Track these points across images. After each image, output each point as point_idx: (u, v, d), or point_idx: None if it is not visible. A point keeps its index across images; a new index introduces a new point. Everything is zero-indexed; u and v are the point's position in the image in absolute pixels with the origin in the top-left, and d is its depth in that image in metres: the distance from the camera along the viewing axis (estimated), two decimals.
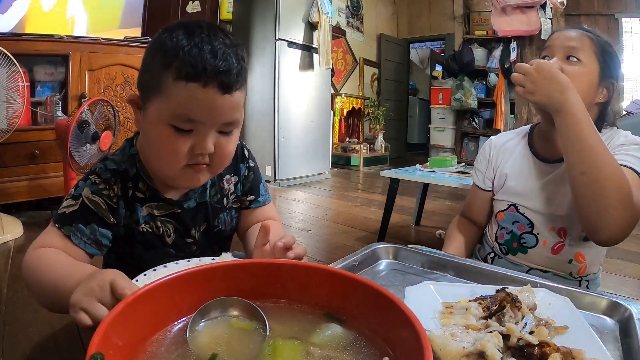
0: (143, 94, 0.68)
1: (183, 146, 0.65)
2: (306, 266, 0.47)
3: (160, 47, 0.64)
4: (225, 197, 0.84)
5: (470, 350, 0.44)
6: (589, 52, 0.90)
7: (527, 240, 1.01)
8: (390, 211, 2.37)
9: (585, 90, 0.88)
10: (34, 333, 1.22)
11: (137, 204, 0.76)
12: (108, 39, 2.93)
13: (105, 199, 0.72)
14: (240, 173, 0.86)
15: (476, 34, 5.65)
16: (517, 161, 1.03)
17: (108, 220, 0.72)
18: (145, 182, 0.76)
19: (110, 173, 0.74)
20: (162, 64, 0.63)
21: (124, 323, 0.36)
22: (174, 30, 0.64)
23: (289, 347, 0.39)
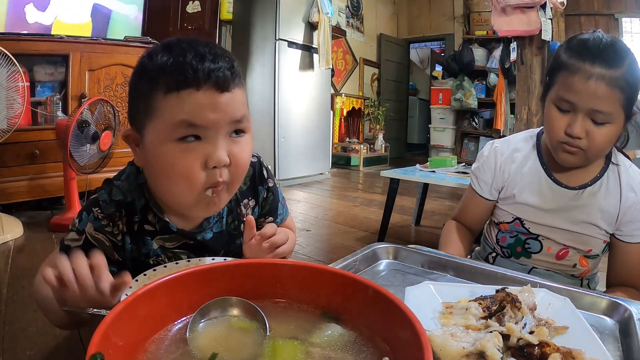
0: (137, 125, 0.63)
1: (194, 161, 0.59)
2: (306, 266, 0.47)
3: (143, 70, 0.61)
4: (242, 222, 0.76)
5: (470, 350, 0.44)
6: (616, 107, 0.80)
7: (531, 245, 0.99)
8: (391, 211, 2.37)
9: (610, 145, 0.86)
10: (34, 333, 1.22)
11: (147, 238, 0.70)
12: (108, 39, 2.93)
13: (108, 236, 0.68)
14: (259, 196, 0.80)
15: (476, 34, 5.65)
16: (529, 180, 0.97)
17: (112, 257, 0.68)
18: (155, 214, 0.70)
19: (115, 206, 0.68)
20: (149, 85, 0.59)
21: (124, 323, 0.36)
22: (153, 52, 0.61)
23: (289, 347, 0.39)
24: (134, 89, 0.63)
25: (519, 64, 3.63)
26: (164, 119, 0.58)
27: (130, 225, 0.69)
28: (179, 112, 0.58)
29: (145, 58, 0.61)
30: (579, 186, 0.92)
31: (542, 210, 0.95)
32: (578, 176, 0.93)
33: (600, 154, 0.87)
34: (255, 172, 0.78)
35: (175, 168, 0.60)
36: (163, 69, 0.58)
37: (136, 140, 0.64)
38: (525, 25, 3.67)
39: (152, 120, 0.60)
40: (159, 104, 0.58)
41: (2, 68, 1.97)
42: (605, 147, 0.85)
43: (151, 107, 0.59)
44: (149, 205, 0.70)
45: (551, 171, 0.95)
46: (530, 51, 3.54)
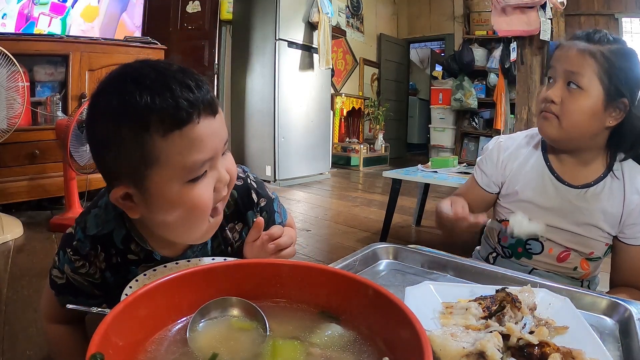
0: (131, 178, 0.56)
1: (209, 192, 0.57)
2: (306, 266, 0.47)
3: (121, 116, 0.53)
4: (230, 246, 0.74)
5: (470, 350, 0.44)
6: (590, 76, 0.83)
7: (532, 246, 0.98)
8: (392, 212, 2.37)
9: (586, 120, 0.84)
10: (34, 333, 1.22)
11: (132, 267, 0.68)
12: (108, 39, 2.93)
13: (84, 278, 0.66)
14: (249, 220, 0.75)
15: (476, 34, 5.65)
16: (532, 177, 0.97)
17: (94, 293, 0.68)
18: (137, 243, 0.67)
19: (90, 243, 0.65)
20: (138, 131, 0.52)
21: (124, 323, 0.36)
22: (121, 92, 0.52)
23: (289, 347, 0.39)
24: (112, 141, 0.54)
25: (519, 64, 3.63)
26: (170, 163, 0.53)
27: (110, 258, 0.66)
28: (189, 153, 0.53)
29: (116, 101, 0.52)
30: (581, 185, 0.91)
31: (544, 208, 0.94)
32: (581, 175, 0.92)
33: (573, 125, 0.85)
34: (241, 196, 0.73)
35: (194, 207, 0.57)
36: (152, 109, 0.51)
37: (129, 196, 0.57)
38: (525, 25, 3.66)
39: (155, 167, 0.54)
40: (160, 148, 0.52)
41: (2, 68, 1.97)
42: (578, 119, 0.84)
43: (150, 155, 0.53)
44: (131, 234, 0.66)
45: (555, 169, 0.94)
46: (530, 51, 3.54)
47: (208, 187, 0.57)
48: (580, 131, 0.86)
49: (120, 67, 0.56)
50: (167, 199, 0.56)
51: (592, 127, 0.85)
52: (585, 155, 0.92)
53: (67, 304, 0.64)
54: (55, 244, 2.01)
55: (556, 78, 0.87)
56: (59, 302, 0.69)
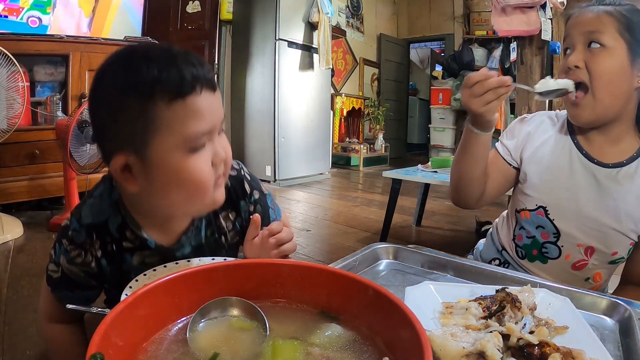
0: (133, 146, 0.57)
1: (207, 165, 0.59)
2: (306, 266, 0.47)
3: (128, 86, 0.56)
4: (224, 235, 0.76)
5: (470, 350, 0.44)
6: (611, 33, 0.77)
7: (549, 250, 0.91)
8: (393, 212, 2.37)
9: (615, 79, 0.78)
10: (34, 333, 1.22)
11: (127, 254, 0.68)
12: (108, 39, 2.93)
13: (80, 267, 0.67)
14: (241, 210, 0.76)
15: (476, 34, 5.65)
16: (557, 156, 0.89)
17: (90, 284, 0.69)
18: (132, 231, 0.67)
19: (85, 232, 0.66)
20: (143, 99, 0.55)
21: (124, 323, 0.36)
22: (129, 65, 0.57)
23: (289, 347, 0.39)
24: (117, 110, 0.56)
25: (519, 64, 3.64)
26: (173, 129, 0.56)
27: (105, 246, 0.67)
28: (190, 122, 0.56)
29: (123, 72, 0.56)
30: (613, 164, 0.84)
31: (570, 191, 0.87)
32: (612, 153, 0.84)
33: (604, 84, 0.78)
34: (234, 185, 0.75)
35: (193, 177, 0.58)
36: (159, 79, 0.55)
37: (128, 166, 0.58)
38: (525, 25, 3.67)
39: (158, 134, 0.56)
40: (164, 115, 0.55)
41: (2, 68, 1.97)
42: (608, 79, 0.78)
43: (154, 122, 0.55)
44: (126, 222, 0.67)
45: (583, 146, 0.87)
46: (530, 51, 3.54)
47: (207, 160, 0.59)
48: (613, 95, 0.79)
49: (126, 46, 0.59)
50: (167, 168, 0.58)
51: (623, 89, 0.79)
52: (615, 130, 0.84)
53: (63, 299, 0.67)
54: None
55: (574, 44, 0.81)
56: (56, 298, 0.69)
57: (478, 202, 0.95)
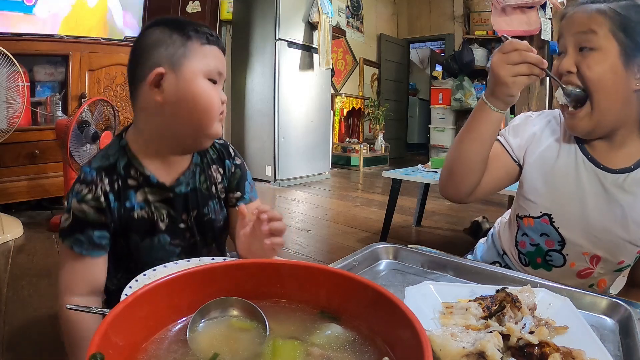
0: (168, 63, 0.76)
1: (217, 95, 0.78)
2: (306, 266, 0.47)
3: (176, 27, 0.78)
4: (214, 184, 0.89)
5: (470, 350, 0.44)
6: (604, 34, 0.73)
7: (553, 258, 0.88)
8: (393, 212, 2.37)
9: (608, 83, 0.74)
10: (34, 333, 1.22)
11: (131, 191, 0.79)
12: (108, 39, 2.93)
13: (90, 203, 0.76)
14: (226, 168, 0.91)
15: (476, 34, 5.65)
16: (562, 162, 0.85)
17: (100, 221, 0.76)
18: (137, 169, 0.80)
19: (95, 172, 0.77)
20: (185, 37, 0.77)
21: (124, 323, 0.36)
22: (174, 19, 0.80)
23: (289, 347, 0.39)
24: (165, 36, 0.77)
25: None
26: (201, 60, 0.77)
27: (113, 183, 0.78)
28: (213, 60, 0.79)
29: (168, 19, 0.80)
30: (619, 169, 0.79)
31: (576, 199, 0.83)
32: (617, 158, 0.80)
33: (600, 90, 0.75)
34: (221, 148, 0.92)
35: (207, 97, 0.77)
36: (196, 30, 0.78)
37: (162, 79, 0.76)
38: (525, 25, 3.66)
39: (191, 59, 0.76)
40: (198, 50, 0.77)
41: (2, 68, 1.97)
42: (603, 80, 0.74)
43: (191, 50, 0.77)
44: (131, 162, 0.80)
45: (588, 151, 0.83)
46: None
47: (216, 91, 0.78)
48: (608, 99, 0.75)
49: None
50: (191, 83, 0.76)
51: (618, 92, 0.74)
52: (618, 135, 0.80)
53: (75, 245, 0.75)
54: (55, 244, 2.01)
55: (566, 47, 0.78)
56: (68, 246, 0.76)
57: (470, 195, 0.89)
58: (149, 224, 0.81)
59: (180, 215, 0.84)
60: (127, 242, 0.81)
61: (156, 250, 0.82)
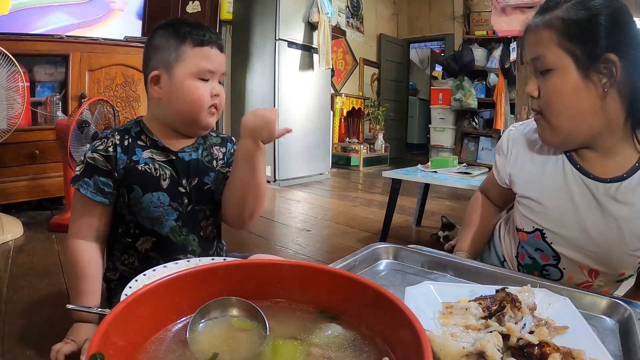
0: (165, 67, 0.91)
1: (206, 91, 0.91)
2: (306, 266, 0.47)
3: (170, 29, 0.91)
4: (215, 160, 1.02)
5: (470, 350, 0.44)
6: (553, 51, 0.70)
7: (550, 272, 0.85)
8: (392, 212, 2.37)
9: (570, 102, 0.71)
10: (34, 333, 1.22)
11: (138, 149, 0.93)
12: (108, 39, 2.93)
13: (101, 153, 0.90)
14: (227, 148, 1.06)
15: (476, 34, 5.65)
16: (548, 172, 0.81)
17: (106, 168, 0.90)
18: (147, 135, 0.95)
19: (110, 132, 0.93)
20: (179, 41, 0.90)
21: (124, 323, 0.36)
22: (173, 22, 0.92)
23: (289, 347, 0.39)
24: (163, 42, 0.91)
25: (519, 64, 3.63)
26: (191, 63, 0.90)
27: (123, 140, 0.92)
28: (202, 61, 0.90)
29: (169, 23, 0.93)
30: (610, 179, 0.75)
31: (567, 214, 0.79)
32: (608, 167, 0.76)
33: (557, 111, 0.72)
34: (225, 137, 1.08)
35: (196, 93, 0.90)
36: (190, 32, 0.90)
37: (159, 79, 0.92)
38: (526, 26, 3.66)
39: (182, 63, 0.90)
40: (189, 54, 0.90)
41: (2, 68, 1.97)
42: (560, 102, 0.71)
43: (181, 55, 0.90)
44: (143, 130, 0.95)
45: (577, 160, 0.79)
46: None
47: (206, 88, 0.91)
48: (571, 117, 0.72)
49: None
50: (181, 83, 0.90)
51: (582, 106, 0.71)
52: (602, 144, 0.75)
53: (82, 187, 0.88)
54: (55, 244, 2.01)
55: (531, 72, 0.77)
56: (76, 187, 0.89)
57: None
58: (152, 179, 0.92)
59: (181, 179, 0.96)
60: (129, 195, 0.92)
61: (155, 208, 0.92)
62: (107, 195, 0.90)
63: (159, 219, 0.94)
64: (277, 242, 2.32)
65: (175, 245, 0.96)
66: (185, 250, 0.98)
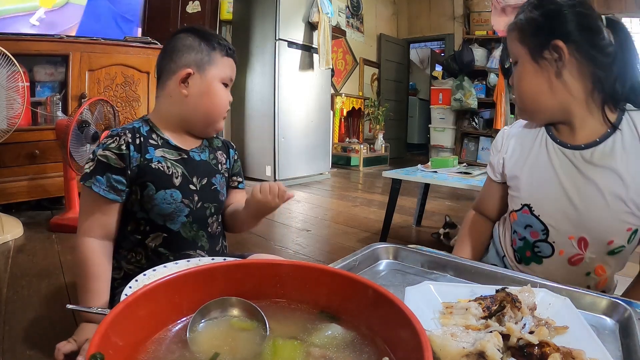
0: (196, 67, 0.97)
1: (227, 97, 1.01)
2: (306, 266, 0.47)
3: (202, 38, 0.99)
4: (220, 163, 1.08)
5: (470, 351, 0.44)
6: (516, 48, 0.85)
7: (541, 249, 0.89)
8: (392, 212, 2.37)
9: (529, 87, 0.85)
10: (34, 333, 1.22)
11: (151, 147, 0.95)
12: (108, 39, 2.93)
13: (113, 151, 0.91)
14: (230, 155, 1.12)
15: (476, 34, 5.65)
16: (533, 149, 0.90)
17: (119, 166, 0.91)
18: (157, 134, 0.98)
19: (121, 129, 0.94)
20: (210, 47, 0.98)
21: (124, 323, 0.36)
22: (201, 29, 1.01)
23: (289, 347, 0.39)
24: (195, 44, 0.98)
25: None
26: (221, 69, 1.00)
27: (134, 138, 0.93)
28: (228, 69, 1.01)
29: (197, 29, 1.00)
30: (585, 144, 0.83)
31: (550, 184, 0.86)
32: (582, 135, 0.84)
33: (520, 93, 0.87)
34: (225, 141, 1.14)
35: (220, 96, 0.99)
36: (219, 42, 1.00)
37: (189, 77, 0.97)
38: None
39: (214, 67, 0.98)
40: (219, 60, 0.99)
41: (2, 68, 1.97)
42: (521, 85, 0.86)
43: (214, 60, 0.98)
44: (153, 129, 0.98)
45: (555, 135, 0.88)
46: None
47: (228, 95, 1.02)
48: (534, 97, 0.85)
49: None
50: (211, 84, 0.98)
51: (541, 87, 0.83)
52: (575, 118, 0.84)
53: (94, 185, 0.89)
54: (55, 244, 2.01)
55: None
56: (87, 186, 0.90)
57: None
58: (165, 177, 0.94)
59: (192, 177, 0.99)
60: (141, 192, 0.93)
61: (168, 205, 0.94)
62: (120, 193, 0.92)
63: (171, 215, 0.95)
64: (277, 242, 2.32)
65: (186, 241, 0.98)
66: (195, 246, 0.99)
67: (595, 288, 0.88)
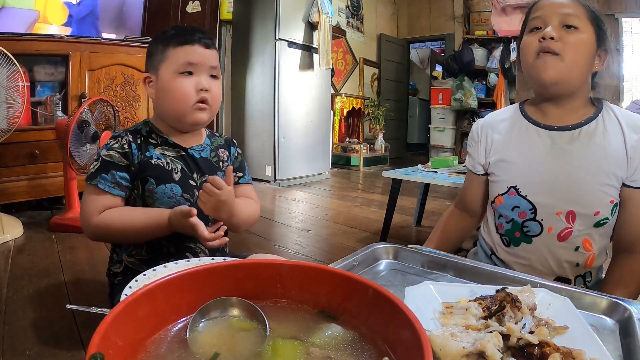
0: (153, 69, 0.99)
1: (190, 86, 0.96)
2: (306, 266, 0.47)
3: (161, 36, 0.99)
4: (221, 161, 1.10)
5: (470, 350, 0.44)
6: (584, 20, 0.87)
7: (530, 228, 0.92)
8: (393, 212, 2.37)
9: (585, 60, 0.87)
10: (34, 333, 1.22)
11: (150, 146, 0.99)
12: (108, 39, 2.93)
13: (117, 150, 0.96)
14: (231, 152, 1.14)
15: (476, 34, 5.65)
16: (514, 134, 0.96)
17: (123, 163, 0.95)
18: (157, 134, 1.01)
19: (123, 131, 0.99)
20: (165, 44, 0.97)
21: (124, 323, 0.36)
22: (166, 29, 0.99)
23: (289, 347, 0.39)
24: (154, 48, 1.00)
25: (519, 64, 3.63)
26: (173, 61, 0.96)
27: (136, 138, 0.98)
28: (182, 56, 0.96)
29: (162, 32, 1.00)
30: (572, 125, 0.90)
31: (536, 164, 0.91)
32: (570, 118, 0.91)
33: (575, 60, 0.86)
34: (228, 140, 1.15)
35: (178, 89, 0.96)
36: (174, 35, 0.97)
37: (150, 80, 1.00)
38: None
39: (165, 62, 0.97)
40: (171, 53, 0.96)
41: (2, 68, 1.97)
42: (579, 53, 0.86)
43: (165, 55, 0.97)
44: (153, 130, 1.02)
45: (539, 121, 0.94)
46: None
47: (190, 83, 0.96)
48: (579, 68, 0.88)
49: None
50: (165, 83, 0.97)
51: (587, 66, 0.88)
52: (570, 104, 0.91)
53: (100, 183, 0.93)
54: (55, 244, 2.01)
55: (547, 22, 0.88)
56: (93, 184, 0.93)
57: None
58: (165, 172, 0.98)
59: (192, 173, 1.02)
60: (143, 186, 0.97)
61: (168, 199, 0.97)
62: (124, 189, 0.96)
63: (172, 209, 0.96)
64: (277, 242, 2.32)
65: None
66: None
67: (584, 267, 0.92)
